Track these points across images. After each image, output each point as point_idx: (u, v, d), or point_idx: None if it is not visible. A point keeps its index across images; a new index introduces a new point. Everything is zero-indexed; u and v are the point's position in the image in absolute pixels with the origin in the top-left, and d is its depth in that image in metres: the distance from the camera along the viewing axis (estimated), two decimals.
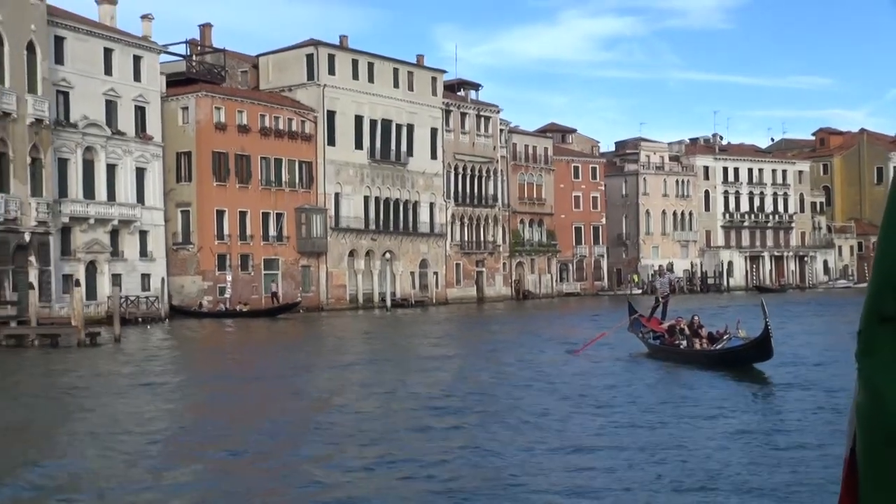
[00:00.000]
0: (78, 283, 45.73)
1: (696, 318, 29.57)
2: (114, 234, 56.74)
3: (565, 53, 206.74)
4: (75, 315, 39.11)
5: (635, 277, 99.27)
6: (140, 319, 53.13)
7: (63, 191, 53.63)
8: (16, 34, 49.64)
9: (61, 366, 31.08)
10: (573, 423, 18.17)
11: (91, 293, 52.99)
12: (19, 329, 39.81)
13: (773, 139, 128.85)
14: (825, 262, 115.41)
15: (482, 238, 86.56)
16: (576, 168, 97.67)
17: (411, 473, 13.62)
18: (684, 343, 28.23)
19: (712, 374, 24.68)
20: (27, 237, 49.37)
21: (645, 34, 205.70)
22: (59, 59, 53.78)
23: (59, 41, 53.93)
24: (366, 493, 12.79)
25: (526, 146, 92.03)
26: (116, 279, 55.32)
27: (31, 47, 50.82)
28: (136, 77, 59.51)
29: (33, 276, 48.74)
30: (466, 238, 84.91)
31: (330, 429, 17.62)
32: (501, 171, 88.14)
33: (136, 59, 59.65)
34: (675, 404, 19.94)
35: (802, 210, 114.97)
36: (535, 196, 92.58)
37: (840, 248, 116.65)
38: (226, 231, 64.54)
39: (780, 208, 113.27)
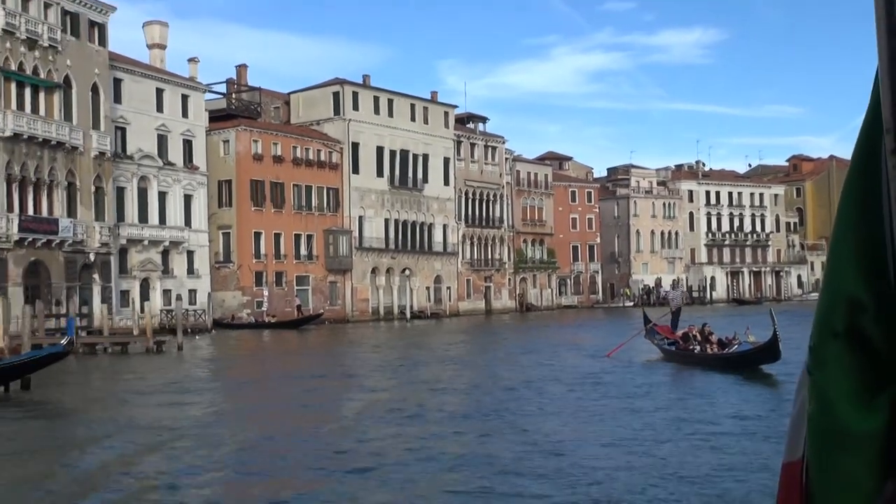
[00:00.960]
0: (147, 298, 47.52)
1: (706, 325, 29.90)
2: (164, 253, 57.64)
3: (558, 86, 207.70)
4: (144, 326, 40.65)
5: (627, 291, 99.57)
6: (189, 330, 54.50)
7: (121, 216, 54.45)
8: (82, 78, 51.08)
9: (147, 369, 31.88)
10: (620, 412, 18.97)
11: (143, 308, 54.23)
12: (91, 338, 41.07)
13: (750, 165, 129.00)
14: (799, 277, 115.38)
15: (490, 256, 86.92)
16: (573, 192, 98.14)
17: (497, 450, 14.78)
18: (697, 348, 28.39)
19: (724, 374, 24.93)
20: (92, 257, 50.77)
21: (630, 68, 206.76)
22: (117, 98, 54.73)
23: (117, 83, 54.92)
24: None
25: (528, 173, 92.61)
26: (167, 294, 56.25)
27: (94, 89, 52.23)
28: (184, 114, 60.41)
29: (97, 292, 50.24)
30: (476, 256, 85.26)
31: (426, 410, 18.60)
32: (506, 195, 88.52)
33: (184, 98, 60.61)
34: (708, 399, 20.65)
35: (778, 230, 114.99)
36: (536, 218, 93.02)
37: (812, 263, 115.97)
38: (262, 251, 65.35)
39: (758, 228, 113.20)
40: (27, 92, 48.02)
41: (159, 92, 58.64)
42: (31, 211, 47.45)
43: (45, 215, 48.48)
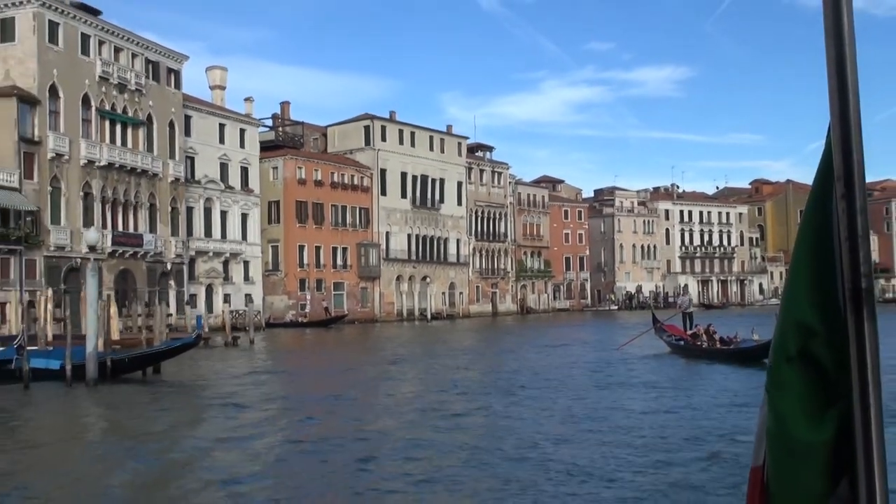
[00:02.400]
0: (226, 300, 49.71)
1: (711, 326, 30.21)
2: (225, 263, 59.04)
3: (547, 116, 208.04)
4: (215, 324, 42.91)
5: (612, 296, 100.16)
6: (246, 328, 56.64)
7: (190, 231, 55.71)
8: (161, 116, 53.04)
9: (231, 358, 33.58)
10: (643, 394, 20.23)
11: (209, 308, 55.06)
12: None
13: (717, 187, 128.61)
14: (760, 285, 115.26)
15: (495, 266, 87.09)
16: (565, 211, 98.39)
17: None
18: (706, 344, 28.70)
19: (727, 365, 25.27)
20: (168, 266, 52.52)
21: (611, 101, 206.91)
22: (188, 132, 56.09)
23: (188, 119, 56.29)
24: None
25: (527, 194, 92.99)
26: (227, 298, 56.88)
27: (171, 125, 53.97)
28: (241, 144, 61.77)
29: (172, 296, 51.87)
30: (484, 266, 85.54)
31: (470, 385, 20.54)
32: (509, 214, 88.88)
33: (241, 132, 61.98)
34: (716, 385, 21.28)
35: (742, 244, 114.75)
36: (534, 233, 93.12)
37: (772, 273, 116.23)
38: (305, 261, 66.38)
39: (725, 242, 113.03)
40: (118, 128, 49.79)
41: (221, 127, 60.17)
42: (120, 227, 49.23)
43: (131, 231, 50.17)
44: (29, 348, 24.06)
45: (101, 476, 11.96)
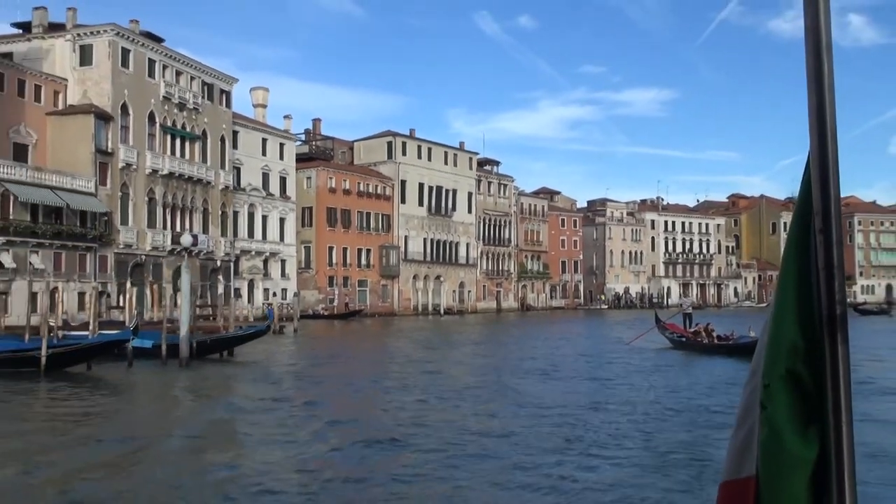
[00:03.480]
0: (274, 294, 51.07)
1: (709, 324, 30.62)
2: (265, 261, 60.45)
3: (543, 131, 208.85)
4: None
5: (602, 296, 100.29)
6: (284, 319, 57.96)
7: (235, 232, 57.38)
8: (214, 131, 54.87)
9: (283, 344, 34.92)
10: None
11: (251, 301, 56.63)
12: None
13: (698, 200, 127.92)
14: (735, 289, 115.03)
15: (500, 268, 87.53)
16: (562, 220, 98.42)
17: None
18: (706, 340, 29.06)
19: (724, 358, 25.68)
20: (218, 263, 54.21)
21: (600, 119, 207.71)
22: (235, 145, 57.71)
23: (235, 134, 57.84)
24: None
25: (529, 204, 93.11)
26: (267, 292, 59.23)
27: (222, 139, 55.75)
28: (280, 157, 63.25)
29: (221, 290, 53.72)
30: (490, 267, 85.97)
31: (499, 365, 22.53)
32: (513, 222, 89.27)
33: (281, 146, 63.46)
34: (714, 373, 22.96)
35: (719, 251, 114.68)
36: (535, 239, 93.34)
37: (746, 278, 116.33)
38: (334, 260, 67.73)
39: (704, 250, 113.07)
40: (177, 142, 51.59)
41: (264, 141, 61.76)
42: (178, 228, 50.91)
43: (188, 232, 51.10)
44: (100, 332, 26.21)
45: (224, 423, 14.17)
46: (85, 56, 46.70)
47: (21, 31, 48.35)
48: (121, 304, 40.26)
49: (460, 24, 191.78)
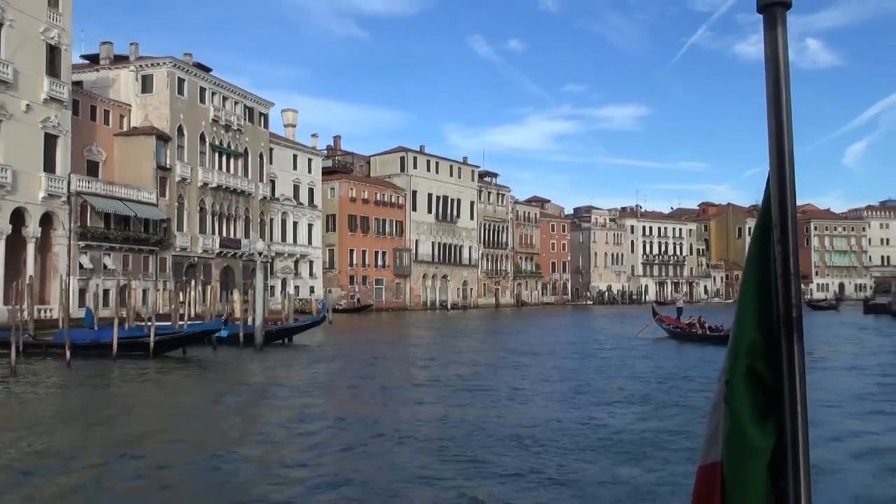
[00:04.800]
0: (312, 291, 52.75)
1: (701, 317, 31.60)
2: (296, 262, 62.35)
3: (531, 144, 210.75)
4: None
5: (587, 293, 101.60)
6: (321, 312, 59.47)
7: (271, 237, 59.32)
8: (254, 149, 56.78)
9: (325, 332, 36.17)
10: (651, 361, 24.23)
11: (284, 297, 59.62)
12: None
13: (672, 207, 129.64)
14: (705, 286, 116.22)
15: (498, 268, 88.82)
16: (552, 225, 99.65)
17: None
18: (699, 331, 29.95)
19: (716, 346, 26.06)
20: (256, 265, 57.11)
21: (582, 133, 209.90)
22: (271, 161, 59.63)
23: (271, 151, 59.75)
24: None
25: (523, 211, 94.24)
26: (297, 289, 60.87)
27: (260, 156, 57.65)
28: (309, 171, 65.20)
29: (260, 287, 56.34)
30: (489, 268, 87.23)
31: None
32: (509, 227, 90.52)
33: (309, 161, 65.39)
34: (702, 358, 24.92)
35: (691, 253, 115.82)
36: (528, 243, 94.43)
37: (714, 277, 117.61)
38: (354, 261, 69.59)
39: (678, 252, 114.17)
40: (224, 158, 53.67)
41: (294, 157, 63.80)
42: (224, 234, 53.22)
43: (232, 237, 54.03)
44: (190, 322, 28.56)
45: (312, 397, 16.76)
46: (146, 84, 48.95)
47: (89, 62, 50.62)
48: (181, 300, 42.43)
49: (456, 47, 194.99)
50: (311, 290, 63.26)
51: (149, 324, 30.93)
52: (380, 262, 72.83)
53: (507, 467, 9.23)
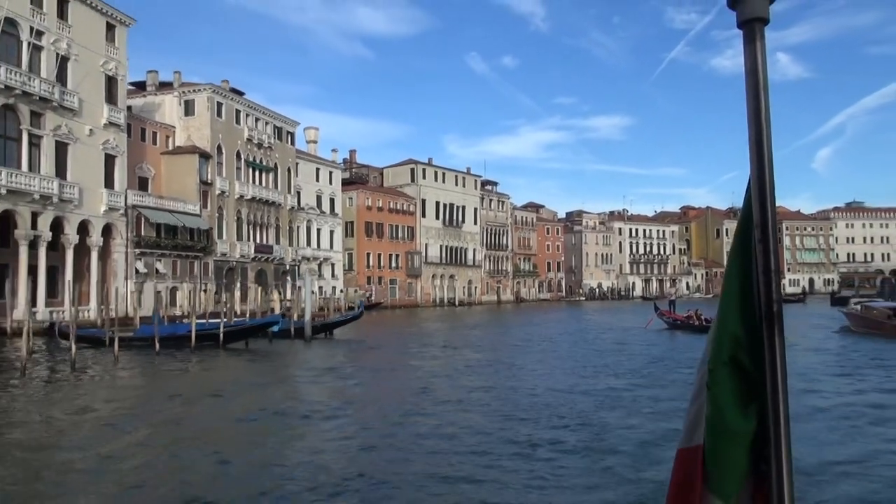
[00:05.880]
0: (334, 290, 54.41)
1: (698, 310, 32.62)
2: (319, 265, 63.89)
3: (524, 153, 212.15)
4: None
5: (580, 290, 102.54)
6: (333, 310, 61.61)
7: (298, 242, 60.80)
8: (282, 164, 58.39)
9: (358, 327, 36.52)
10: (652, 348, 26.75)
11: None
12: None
13: (656, 211, 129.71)
14: (686, 283, 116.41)
15: (499, 268, 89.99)
16: (547, 229, 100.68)
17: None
18: (696, 322, 30.81)
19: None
20: (287, 267, 57.89)
21: (572, 142, 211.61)
22: (296, 174, 61.29)
23: (296, 165, 61.44)
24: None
25: (521, 216, 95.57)
26: (321, 289, 63.25)
27: (288, 170, 59.23)
28: (329, 182, 66.71)
29: (289, 288, 57.45)
30: (491, 268, 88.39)
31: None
32: (509, 231, 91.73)
33: (330, 173, 67.00)
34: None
35: (673, 253, 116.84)
36: (526, 245, 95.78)
37: (695, 274, 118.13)
38: (371, 263, 71.11)
39: (661, 251, 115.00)
40: (257, 173, 55.42)
41: (317, 170, 65.43)
42: (258, 241, 54.96)
43: (265, 243, 55.72)
44: (237, 319, 30.57)
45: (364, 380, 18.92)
46: (188, 108, 50.93)
47: (137, 88, 52.64)
48: (223, 299, 44.37)
49: (454, 64, 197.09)
50: (333, 289, 64.76)
51: (216, 320, 33.17)
52: (394, 264, 74.34)
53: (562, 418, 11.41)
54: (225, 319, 30.74)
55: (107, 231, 41.44)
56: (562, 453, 9.10)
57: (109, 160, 41.57)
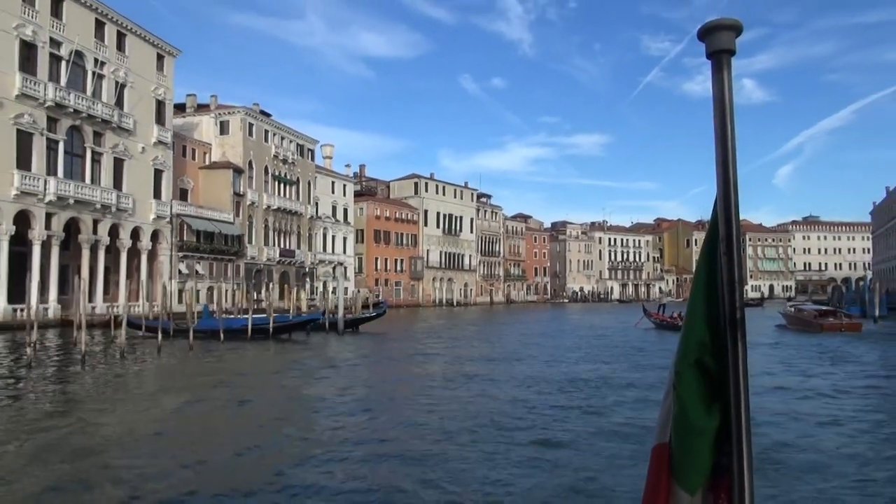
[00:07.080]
0: (334, 291, 56.02)
1: (681, 312, 30.68)
2: (333, 268, 64.66)
3: (511, 167, 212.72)
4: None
5: (564, 294, 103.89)
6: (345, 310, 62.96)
7: (316, 248, 62.10)
8: (304, 177, 60.05)
9: (378, 324, 38.08)
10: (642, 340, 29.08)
11: (324, 296, 63.02)
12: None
13: (632, 222, 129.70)
14: (659, 287, 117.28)
15: (492, 272, 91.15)
16: (535, 237, 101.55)
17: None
18: (680, 323, 32.37)
19: None
20: (307, 269, 59.54)
21: (555, 158, 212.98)
22: (315, 186, 62.69)
23: (315, 178, 63.12)
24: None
25: (511, 226, 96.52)
26: (334, 290, 65.06)
27: (308, 183, 60.96)
28: (343, 194, 68.11)
29: (308, 288, 60.08)
30: (485, 272, 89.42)
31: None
32: (501, 239, 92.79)
33: (343, 186, 68.42)
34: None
35: (648, 260, 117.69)
36: (516, 252, 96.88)
37: (667, 280, 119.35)
38: (378, 267, 72.40)
39: (636, 259, 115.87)
40: (282, 186, 57.12)
41: (332, 183, 66.93)
42: (282, 246, 56.55)
43: (288, 248, 57.28)
44: (276, 315, 32.42)
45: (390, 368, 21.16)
46: (223, 128, 52.91)
47: (176, 109, 54.52)
48: (262, 298, 46.31)
49: (448, 84, 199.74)
50: (346, 290, 66.37)
51: (263, 315, 35.03)
52: (399, 268, 75.70)
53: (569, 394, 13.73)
54: (265, 315, 32.88)
55: (154, 236, 43.38)
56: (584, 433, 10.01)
57: (158, 174, 43.57)
